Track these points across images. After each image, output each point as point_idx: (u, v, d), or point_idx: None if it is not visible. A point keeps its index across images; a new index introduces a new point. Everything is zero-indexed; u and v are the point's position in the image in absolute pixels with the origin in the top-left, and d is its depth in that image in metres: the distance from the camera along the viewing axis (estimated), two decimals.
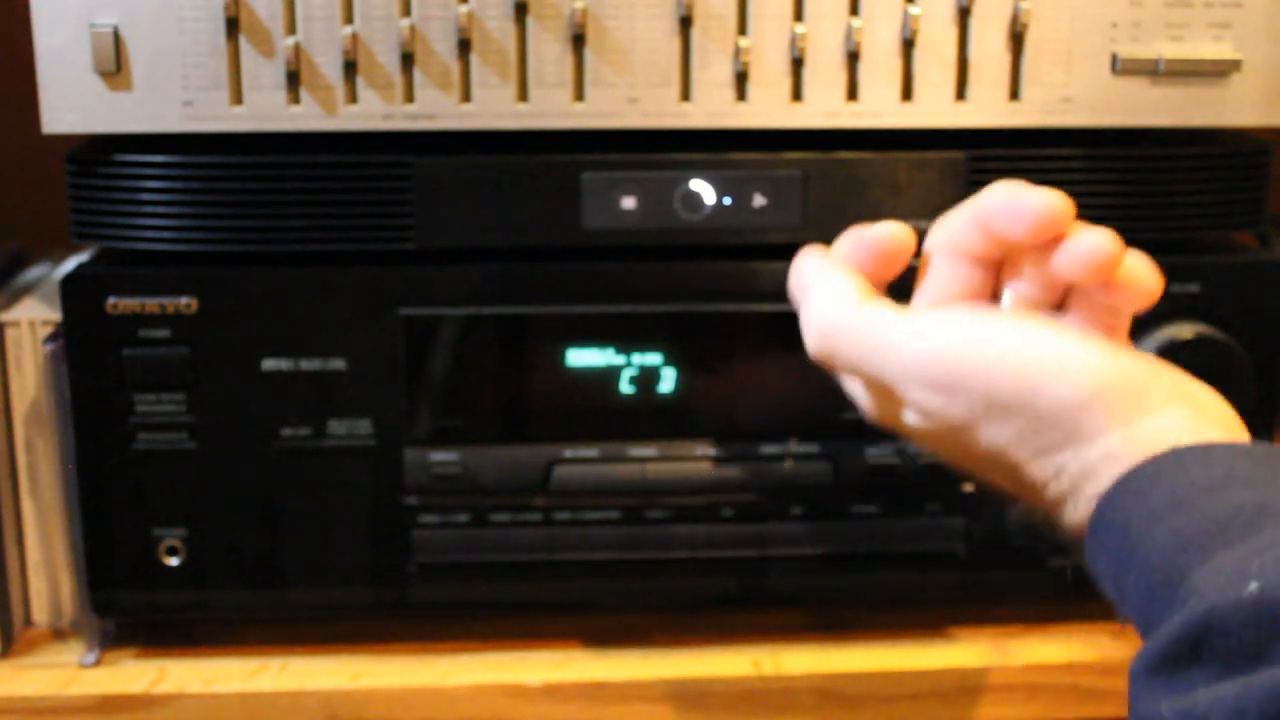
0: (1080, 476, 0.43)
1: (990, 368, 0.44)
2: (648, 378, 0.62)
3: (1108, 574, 0.41)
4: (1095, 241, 0.46)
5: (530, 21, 0.58)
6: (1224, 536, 0.37)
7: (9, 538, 0.65)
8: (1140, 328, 0.61)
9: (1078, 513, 0.44)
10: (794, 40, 0.59)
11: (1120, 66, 0.60)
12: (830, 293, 0.49)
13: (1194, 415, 0.42)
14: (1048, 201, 0.46)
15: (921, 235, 0.51)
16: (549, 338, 0.62)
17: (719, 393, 0.63)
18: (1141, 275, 0.47)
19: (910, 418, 0.48)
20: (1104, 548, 0.41)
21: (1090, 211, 0.62)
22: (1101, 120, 0.61)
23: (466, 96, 0.59)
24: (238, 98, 0.58)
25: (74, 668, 0.64)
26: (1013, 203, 0.47)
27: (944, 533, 0.64)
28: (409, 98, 0.59)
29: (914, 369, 0.46)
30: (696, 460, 0.63)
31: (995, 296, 0.50)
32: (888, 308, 0.48)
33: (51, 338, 0.62)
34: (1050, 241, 0.47)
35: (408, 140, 0.60)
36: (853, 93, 0.60)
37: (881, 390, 0.48)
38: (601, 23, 0.59)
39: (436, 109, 0.59)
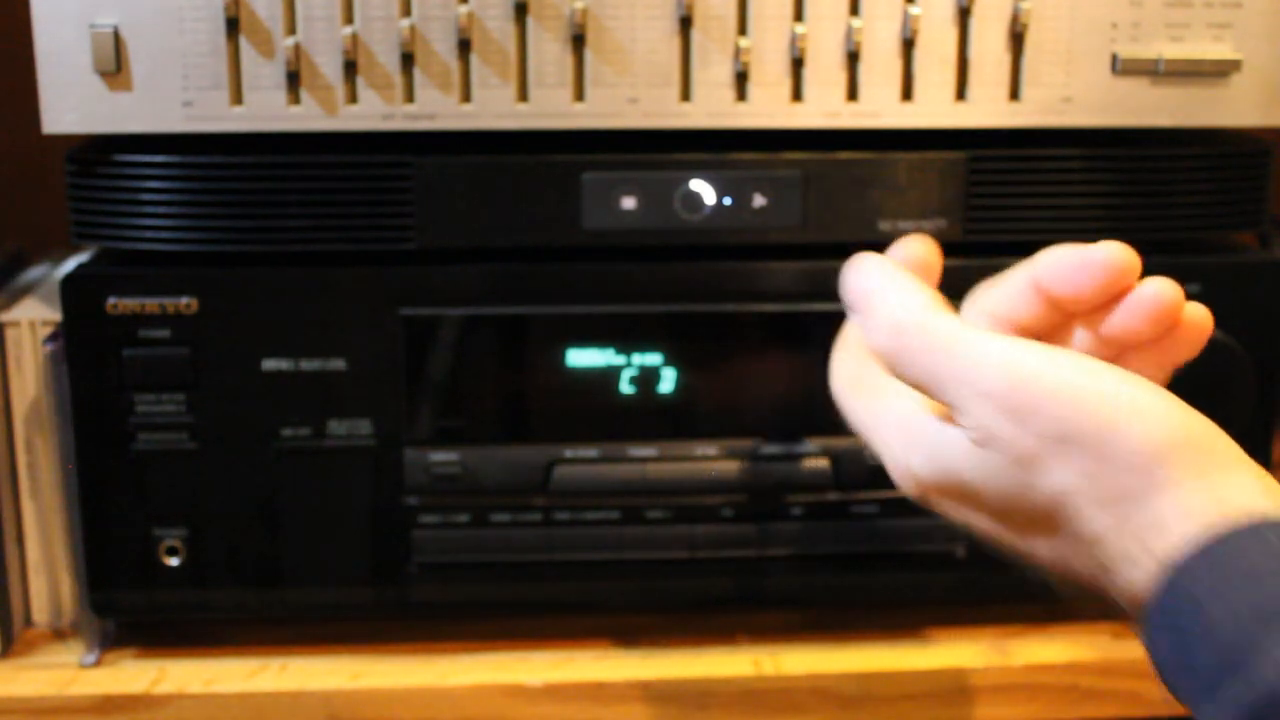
0: (1146, 529, 0.40)
1: (1069, 398, 0.41)
2: (648, 378, 0.62)
3: (1171, 644, 0.39)
4: (1159, 289, 0.44)
5: (530, 21, 0.58)
6: None
7: (9, 538, 0.65)
8: None
9: (1137, 570, 0.41)
10: (794, 40, 0.59)
11: (1120, 66, 0.60)
12: (905, 294, 0.46)
13: (1260, 478, 0.41)
14: (1114, 254, 0.44)
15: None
16: (549, 338, 0.62)
17: (719, 393, 0.63)
18: (1196, 321, 0.45)
19: (962, 445, 0.44)
20: (1172, 613, 0.39)
21: (1090, 211, 0.62)
22: (1101, 120, 0.61)
23: (466, 96, 0.59)
24: (238, 98, 0.58)
25: (74, 668, 0.63)
26: (1079, 260, 0.44)
27: (944, 533, 0.64)
28: (409, 98, 0.59)
29: (988, 385, 0.42)
30: (696, 460, 0.63)
31: None
32: (964, 322, 0.45)
33: (51, 338, 0.62)
34: (1107, 302, 0.45)
35: (408, 140, 0.60)
36: (853, 93, 0.60)
37: (939, 407, 0.45)
38: (601, 23, 0.59)
39: (436, 109, 0.59)
